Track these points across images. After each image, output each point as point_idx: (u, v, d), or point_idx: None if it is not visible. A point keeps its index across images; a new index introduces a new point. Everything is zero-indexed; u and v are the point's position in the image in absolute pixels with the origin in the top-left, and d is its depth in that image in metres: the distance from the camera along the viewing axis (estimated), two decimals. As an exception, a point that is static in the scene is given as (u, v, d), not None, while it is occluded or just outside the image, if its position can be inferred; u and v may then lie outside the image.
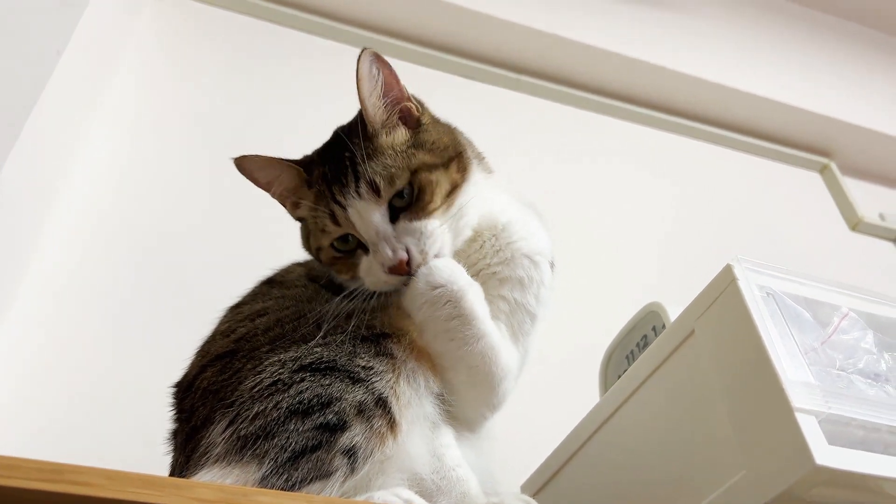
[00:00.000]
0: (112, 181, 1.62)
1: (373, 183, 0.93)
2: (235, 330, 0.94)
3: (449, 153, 0.99)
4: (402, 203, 0.94)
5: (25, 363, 1.34)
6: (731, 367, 0.80)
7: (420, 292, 0.91)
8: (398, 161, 0.95)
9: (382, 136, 0.98)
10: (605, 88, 2.35)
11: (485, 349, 0.91)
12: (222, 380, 0.86)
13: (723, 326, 0.83)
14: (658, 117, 2.40)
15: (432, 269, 0.91)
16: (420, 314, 0.91)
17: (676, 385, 0.90)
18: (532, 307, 0.99)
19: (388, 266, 0.92)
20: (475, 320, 0.90)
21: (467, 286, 0.91)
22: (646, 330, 1.15)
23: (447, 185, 0.96)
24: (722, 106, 2.45)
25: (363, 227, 0.94)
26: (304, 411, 0.79)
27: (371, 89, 0.97)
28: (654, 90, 2.39)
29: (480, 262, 0.99)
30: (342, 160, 0.96)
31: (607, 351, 1.23)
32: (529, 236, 1.02)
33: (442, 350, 0.91)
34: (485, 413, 0.97)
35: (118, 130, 1.70)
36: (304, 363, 0.83)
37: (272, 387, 0.81)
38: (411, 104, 1.02)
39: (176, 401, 0.95)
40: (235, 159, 0.98)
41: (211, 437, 0.81)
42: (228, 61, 1.93)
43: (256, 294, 1.04)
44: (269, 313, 0.95)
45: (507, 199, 1.06)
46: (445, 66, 2.19)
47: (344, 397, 0.80)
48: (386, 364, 0.85)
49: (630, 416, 0.98)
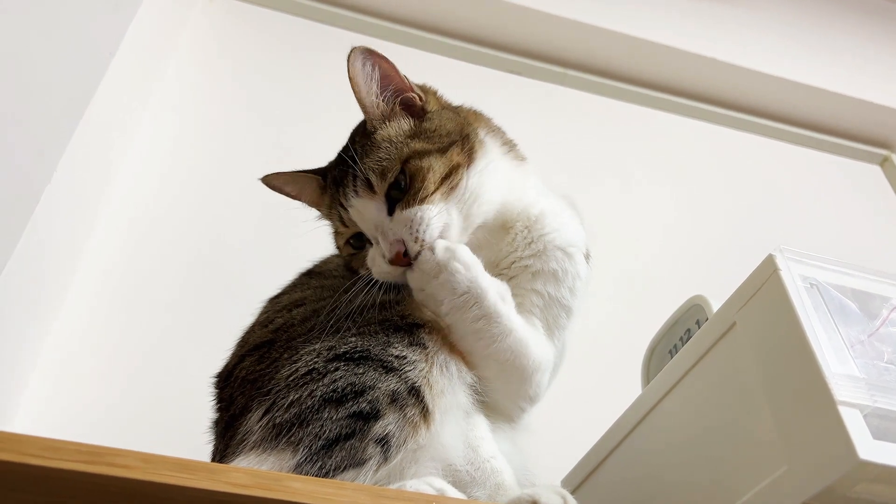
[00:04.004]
0: (161, 182, 1.67)
1: (367, 180, 0.94)
2: (273, 320, 0.96)
3: (450, 138, 0.98)
4: (399, 194, 0.94)
5: (74, 354, 1.39)
6: (773, 359, 0.78)
7: (445, 298, 0.89)
8: (391, 153, 0.95)
9: (381, 130, 0.98)
10: (652, 81, 2.32)
11: (514, 344, 0.90)
12: (260, 369, 0.88)
13: (764, 318, 0.81)
14: (708, 110, 2.36)
15: (453, 276, 0.88)
16: (448, 318, 0.90)
17: (717, 379, 0.88)
18: (567, 300, 0.98)
19: (389, 258, 0.92)
20: (501, 317, 0.89)
21: (488, 286, 0.90)
22: (689, 324, 1.13)
23: (442, 170, 0.95)
24: (777, 98, 2.39)
25: (364, 224, 0.95)
26: (338, 399, 0.80)
27: (367, 86, 0.98)
28: (704, 82, 2.34)
29: (512, 254, 0.98)
30: (345, 162, 0.98)
31: (650, 345, 1.21)
32: (562, 227, 1.01)
33: (471, 349, 0.90)
34: (521, 405, 0.96)
35: (167, 131, 1.74)
36: (339, 352, 0.84)
37: (307, 375, 0.82)
38: (413, 94, 1.01)
39: (217, 391, 0.97)
40: (262, 179, 1.03)
41: (248, 424, 0.83)
42: (278, 63, 1.96)
43: (295, 285, 1.06)
44: (307, 303, 0.96)
45: (540, 189, 1.05)
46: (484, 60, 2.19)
47: (377, 386, 0.81)
48: (419, 354, 0.85)
49: (670, 411, 0.96)
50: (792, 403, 0.74)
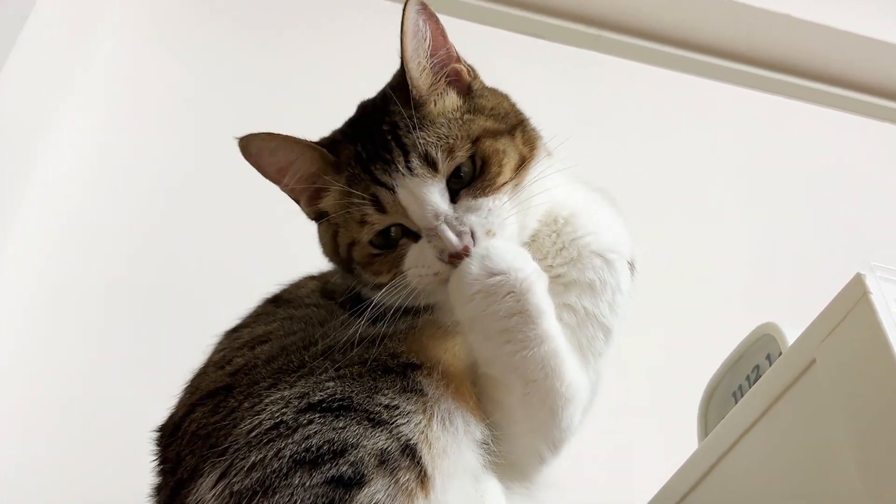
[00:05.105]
0: (87, 166, 1.69)
1: (427, 155, 0.95)
2: (232, 360, 0.97)
3: (510, 120, 1.01)
4: (458, 184, 0.95)
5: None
6: (862, 404, 0.79)
7: (473, 278, 0.89)
8: (454, 129, 0.97)
9: (434, 102, 1.00)
10: (710, 45, 2.32)
11: (547, 356, 0.90)
12: (214, 422, 0.88)
13: (852, 353, 0.82)
14: (790, 82, 2.36)
15: (490, 251, 0.90)
16: (469, 308, 0.89)
17: (793, 429, 0.89)
18: (605, 319, 0.99)
19: (451, 252, 0.92)
20: (541, 318, 0.89)
21: (536, 275, 0.90)
22: (758, 359, 1.14)
23: (516, 157, 0.98)
24: (872, 66, 2.38)
25: (417, 210, 0.94)
26: (313, 461, 0.80)
27: (417, 47, 0.99)
28: (785, 46, 2.34)
29: (540, 262, 0.98)
30: (380, 134, 0.98)
31: (709, 386, 1.22)
32: (601, 229, 1.02)
33: (493, 355, 0.90)
34: (542, 451, 0.97)
35: (94, 108, 1.76)
36: (313, 401, 0.85)
37: (273, 430, 0.83)
38: (461, 66, 1.03)
39: (159, 448, 0.97)
40: (241, 139, 0.99)
41: (199, 492, 0.83)
42: (221, 31, 1.99)
43: (259, 315, 1.07)
44: (273, 339, 0.97)
45: (571, 184, 1.07)
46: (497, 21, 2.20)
47: (362, 444, 0.81)
48: (415, 403, 0.85)
49: (737, 467, 0.97)
50: (885, 457, 0.75)
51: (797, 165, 2.21)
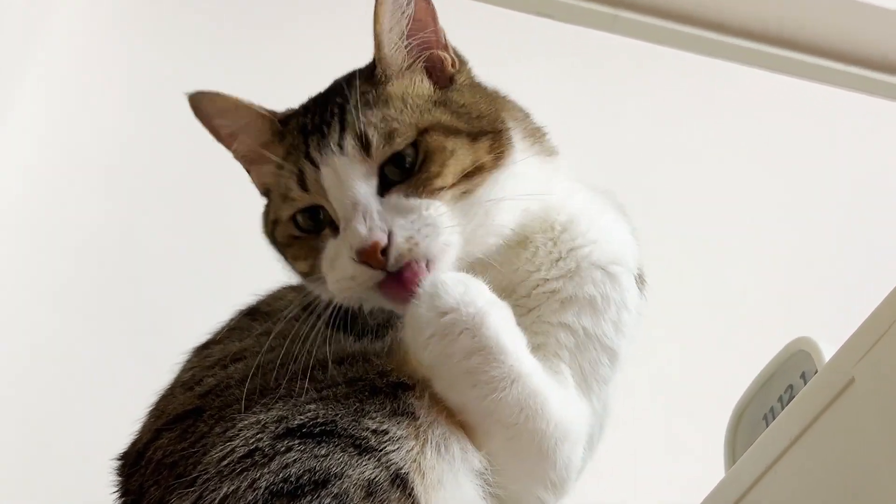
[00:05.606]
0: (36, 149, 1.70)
1: (363, 136, 0.95)
2: (202, 380, 0.97)
3: (482, 125, 1.00)
4: (396, 175, 0.95)
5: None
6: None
7: (425, 321, 0.88)
8: (405, 115, 0.97)
9: (396, 82, 1.01)
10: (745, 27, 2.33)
11: (523, 396, 0.88)
12: (181, 449, 0.89)
13: (894, 372, 0.82)
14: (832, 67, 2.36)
15: (438, 287, 0.88)
16: (427, 354, 0.89)
17: (830, 453, 0.89)
18: (609, 340, 0.99)
19: (357, 248, 0.91)
20: (503, 355, 0.87)
21: (488, 306, 0.89)
22: (792, 378, 1.14)
23: (467, 161, 0.97)
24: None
25: (337, 192, 0.95)
26: (291, 493, 0.80)
27: (393, 21, 1.00)
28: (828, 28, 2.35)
29: (533, 276, 0.99)
30: (331, 108, 1.00)
31: (737, 408, 1.22)
32: (603, 238, 1.02)
33: (462, 402, 0.89)
34: (542, 496, 0.96)
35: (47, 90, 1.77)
36: (293, 425, 0.85)
37: (248, 458, 0.83)
38: (446, 54, 1.04)
39: (121, 478, 0.97)
40: (191, 96, 1.03)
41: (165, 529, 0.84)
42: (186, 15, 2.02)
43: (233, 329, 1.07)
44: (248, 357, 0.97)
45: (571, 186, 1.07)
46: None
47: (347, 474, 0.81)
48: (406, 427, 0.86)
49: (768, 497, 0.97)
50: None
51: (840, 163, 2.21)
